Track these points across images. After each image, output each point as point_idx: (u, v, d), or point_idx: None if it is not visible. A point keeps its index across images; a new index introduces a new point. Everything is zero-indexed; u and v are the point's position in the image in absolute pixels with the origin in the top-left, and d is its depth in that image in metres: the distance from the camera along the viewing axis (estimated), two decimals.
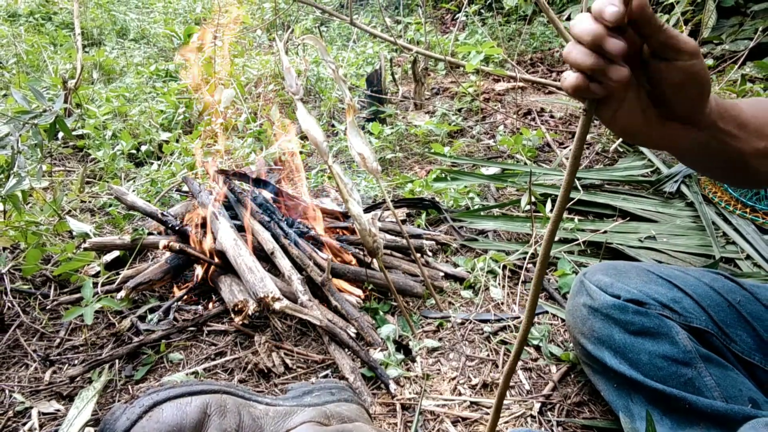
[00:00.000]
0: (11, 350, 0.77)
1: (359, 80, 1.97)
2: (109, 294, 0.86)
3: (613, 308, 0.58)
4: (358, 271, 0.87)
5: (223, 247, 0.86)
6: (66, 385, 0.70)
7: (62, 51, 2.34)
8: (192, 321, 0.81)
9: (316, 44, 0.77)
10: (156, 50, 2.63)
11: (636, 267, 0.63)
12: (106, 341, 0.79)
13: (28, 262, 0.88)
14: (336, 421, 0.58)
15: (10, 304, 0.84)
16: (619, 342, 0.58)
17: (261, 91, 1.85)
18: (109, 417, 0.51)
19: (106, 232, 1.11)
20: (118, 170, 1.40)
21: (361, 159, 0.77)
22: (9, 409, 0.66)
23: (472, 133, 1.67)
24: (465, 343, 0.78)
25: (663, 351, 0.55)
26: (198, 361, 0.75)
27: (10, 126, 0.86)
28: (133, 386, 0.70)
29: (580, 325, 0.63)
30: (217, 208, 0.95)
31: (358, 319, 0.78)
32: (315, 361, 0.75)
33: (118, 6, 3.27)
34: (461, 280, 0.94)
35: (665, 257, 0.93)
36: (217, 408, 0.54)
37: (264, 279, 0.77)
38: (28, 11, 2.82)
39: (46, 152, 1.45)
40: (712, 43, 2.04)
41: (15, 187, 0.84)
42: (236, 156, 1.39)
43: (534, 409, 0.66)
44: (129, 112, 1.64)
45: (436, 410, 0.66)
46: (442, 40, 2.29)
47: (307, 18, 2.78)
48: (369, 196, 1.26)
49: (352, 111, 0.78)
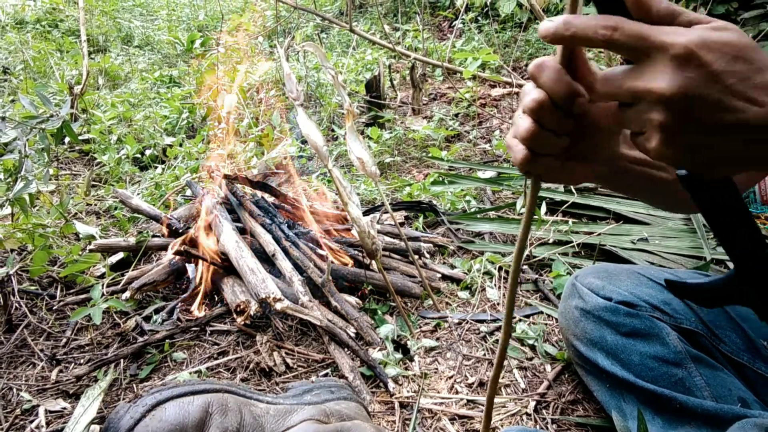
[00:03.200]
0: (19, 350, 0.79)
1: (358, 86, 2.00)
2: (115, 295, 0.88)
3: (605, 310, 0.59)
4: (358, 273, 0.89)
5: (225, 249, 0.88)
6: (72, 384, 0.71)
7: (68, 57, 2.38)
8: (195, 321, 0.83)
9: (316, 51, 0.79)
10: (160, 57, 2.67)
11: (627, 270, 0.65)
12: (112, 341, 0.81)
13: (36, 264, 0.90)
14: (335, 419, 0.59)
15: (18, 305, 0.86)
16: (611, 343, 0.59)
17: (263, 97, 1.89)
18: (114, 416, 0.53)
19: (111, 235, 1.13)
20: (123, 174, 1.42)
21: (360, 163, 0.80)
22: (17, 407, 0.67)
23: (469, 137, 1.70)
24: (462, 343, 0.80)
25: (654, 352, 0.56)
26: (201, 360, 0.77)
27: (18, 130, 0.88)
28: (137, 385, 0.72)
29: (572, 327, 0.64)
30: (220, 211, 0.97)
31: (358, 319, 0.80)
32: (315, 361, 0.77)
33: (123, 13, 3.32)
34: (458, 281, 0.96)
35: (657, 259, 0.95)
36: (219, 407, 0.55)
37: (265, 280, 0.79)
38: (35, 19, 2.87)
39: (53, 156, 1.48)
40: None
41: (22, 191, 0.86)
42: (238, 160, 1.41)
43: (529, 407, 0.67)
44: (134, 117, 1.67)
45: (433, 408, 0.67)
46: (439, 46, 2.32)
47: (308, 25, 2.82)
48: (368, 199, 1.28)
49: (352, 116, 0.80)
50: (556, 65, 0.31)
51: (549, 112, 0.31)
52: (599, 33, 0.28)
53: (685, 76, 0.26)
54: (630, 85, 0.28)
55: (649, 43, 0.27)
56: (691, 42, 0.26)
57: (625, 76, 0.29)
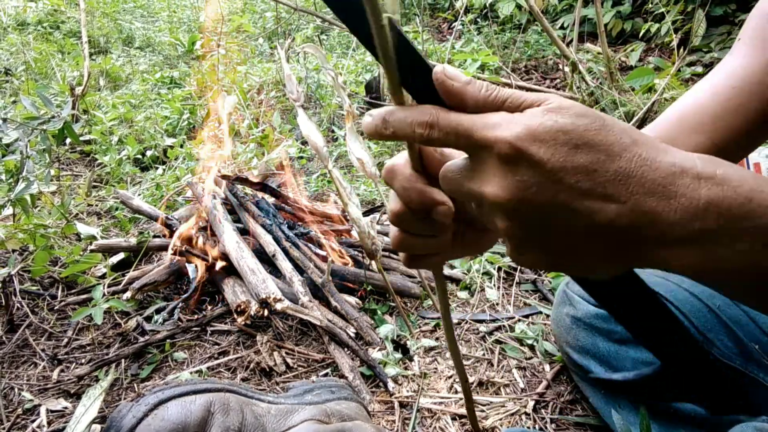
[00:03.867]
0: (20, 349, 0.79)
1: (358, 87, 2.01)
2: (116, 295, 0.88)
3: (596, 318, 0.59)
4: (358, 273, 0.90)
5: (226, 249, 0.88)
6: (73, 384, 0.72)
7: (70, 59, 2.39)
8: (196, 321, 0.83)
9: (316, 52, 0.80)
10: (161, 58, 2.68)
11: None
12: (113, 341, 0.81)
13: (37, 264, 0.90)
14: (336, 418, 0.59)
15: (20, 305, 0.86)
16: (603, 351, 0.58)
17: (263, 98, 1.89)
18: (116, 415, 0.53)
19: (112, 235, 1.13)
20: (124, 175, 1.43)
21: (360, 164, 0.80)
22: (18, 407, 0.68)
23: None
24: (461, 343, 0.80)
25: (646, 358, 0.56)
26: (202, 360, 0.77)
27: (20, 131, 0.89)
28: (138, 384, 0.72)
29: (565, 334, 0.64)
30: (221, 212, 0.97)
31: (357, 319, 0.80)
32: (315, 360, 0.77)
33: (124, 15, 3.33)
34: (457, 282, 0.96)
35: None
36: (221, 406, 0.56)
37: (266, 280, 0.79)
38: (36, 20, 2.88)
39: (54, 157, 1.49)
40: (701, 51, 2.08)
41: (24, 191, 0.87)
42: (239, 161, 1.42)
43: (528, 407, 0.68)
44: (135, 118, 1.68)
45: (433, 408, 0.68)
46: (438, 48, 2.33)
47: (308, 27, 2.83)
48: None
49: (352, 117, 0.81)
50: (406, 171, 0.27)
51: (408, 220, 0.27)
52: (416, 132, 0.23)
53: (516, 180, 0.21)
54: (466, 187, 0.23)
55: (473, 141, 0.22)
56: (516, 137, 0.20)
57: (462, 174, 0.24)
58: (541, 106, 0.22)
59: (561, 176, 0.20)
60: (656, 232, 0.21)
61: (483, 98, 0.23)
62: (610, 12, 2.41)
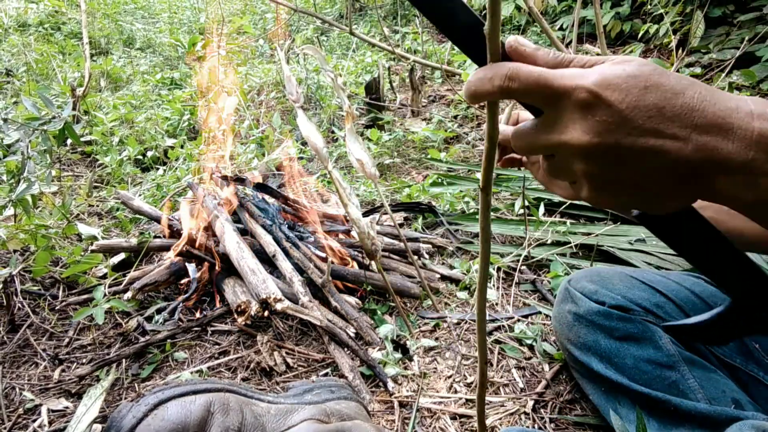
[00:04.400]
0: (21, 349, 0.79)
1: (358, 88, 2.02)
2: (117, 295, 0.88)
3: (598, 315, 0.60)
4: (358, 273, 0.90)
5: (226, 250, 0.89)
6: (74, 383, 0.72)
7: (71, 60, 2.39)
8: (196, 321, 0.84)
9: (315, 54, 0.80)
10: (161, 59, 2.69)
11: (619, 273, 0.65)
12: (114, 341, 0.81)
13: (38, 264, 0.91)
14: (336, 418, 0.60)
15: (21, 305, 0.87)
16: (604, 348, 0.59)
17: (263, 99, 1.90)
18: (116, 415, 0.53)
19: (113, 235, 1.13)
20: (124, 175, 1.43)
21: (360, 164, 0.80)
22: (19, 407, 0.68)
23: (468, 139, 1.71)
24: (461, 343, 0.80)
25: (647, 355, 0.56)
26: (202, 360, 0.77)
27: (21, 132, 0.89)
28: (139, 384, 0.73)
29: (566, 331, 0.64)
30: (221, 213, 0.97)
31: (357, 319, 0.81)
32: (315, 360, 0.77)
33: (124, 16, 3.34)
34: (457, 282, 0.97)
35: (654, 259, 0.96)
36: (221, 406, 0.56)
37: (266, 281, 0.79)
38: (37, 21, 2.89)
39: (55, 158, 1.49)
40: (700, 52, 2.08)
41: (25, 192, 0.87)
42: (239, 161, 1.42)
43: (527, 407, 0.68)
44: (135, 118, 1.68)
45: (432, 407, 0.68)
46: (438, 49, 2.34)
47: (308, 28, 2.84)
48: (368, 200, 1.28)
49: (351, 118, 0.81)
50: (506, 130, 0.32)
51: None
52: (495, 84, 0.25)
53: (595, 121, 0.23)
54: (543, 139, 0.26)
55: (552, 90, 0.24)
56: (593, 83, 0.23)
57: (537, 129, 0.26)
58: (606, 62, 0.25)
59: (635, 114, 0.23)
60: (717, 161, 0.23)
61: (552, 60, 0.26)
62: (609, 13, 2.41)
